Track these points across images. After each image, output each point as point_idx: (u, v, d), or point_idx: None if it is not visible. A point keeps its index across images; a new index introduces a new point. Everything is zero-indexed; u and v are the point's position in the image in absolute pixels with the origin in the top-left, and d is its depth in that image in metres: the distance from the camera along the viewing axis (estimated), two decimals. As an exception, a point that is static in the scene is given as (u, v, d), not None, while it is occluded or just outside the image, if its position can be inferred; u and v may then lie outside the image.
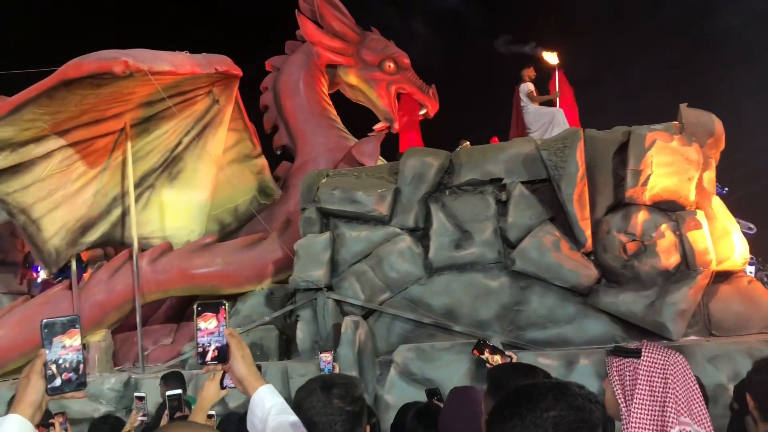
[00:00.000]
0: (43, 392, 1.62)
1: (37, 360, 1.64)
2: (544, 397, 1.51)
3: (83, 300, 9.19)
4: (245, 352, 1.91)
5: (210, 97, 10.27)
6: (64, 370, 1.64)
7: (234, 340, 1.90)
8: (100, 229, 9.50)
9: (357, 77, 12.77)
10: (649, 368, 2.15)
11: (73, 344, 1.66)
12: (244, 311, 9.13)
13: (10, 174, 8.20)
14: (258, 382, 1.91)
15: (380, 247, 8.17)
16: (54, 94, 7.40)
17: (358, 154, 10.07)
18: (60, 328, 1.65)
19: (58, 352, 1.64)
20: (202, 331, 1.90)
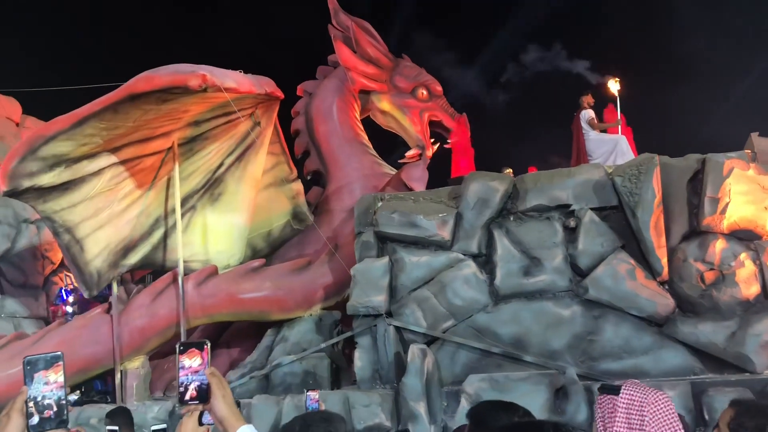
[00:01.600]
0: (22, 430, 1.59)
1: (18, 397, 1.61)
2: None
3: (123, 324, 8.81)
4: (226, 392, 1.89)
5: (252, 119, 10.08)
6: (46, 407, 1.61)
7: (215, 379, 1.88)
8: (142, 251, 9.17)
9: (390, 103, 12.70)
10: (627, 405, 2.20)
11: (56, 382, 1.63)
12: (292, 338, 8.81)
13: (61, 191, 7.89)
14: (238, 422, 1.88)
15: (443, 273, 7.95)
16: (119, 107, 7.17)
17: (407, 179, 9.89)
18: (43, 364, 1.63)
19: (40, 390, 1.61)
20: (184, 370, 1.85)
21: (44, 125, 7.44)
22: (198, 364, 1.86)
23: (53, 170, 7.57)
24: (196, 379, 1.85)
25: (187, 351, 1.87)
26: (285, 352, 8.64)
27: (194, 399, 1.86)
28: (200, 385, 1.85)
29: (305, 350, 8.60)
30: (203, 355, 1.87)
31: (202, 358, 1.87)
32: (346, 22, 12.38)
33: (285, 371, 8.31)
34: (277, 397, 8.00)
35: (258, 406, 7.86)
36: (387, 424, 7.28)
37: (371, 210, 8.44)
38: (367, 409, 7.40)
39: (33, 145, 7.31)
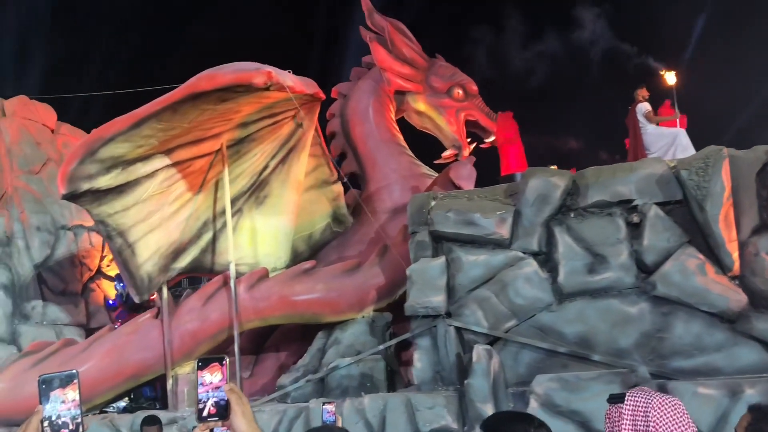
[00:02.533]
0: None
1: (33, 417, 1.59)
2: None
3: (174, 329, 8.70)
4: (246, 408, 1.84)
5: (294, 121, 9.99)
6: (61, 426, 1.60)
7: (234, 395, 1.83)
8: (191, 254, 9.07)
9: (426, 104, 12.60)
10: (632, 410, 2.24)
11: (72, 400, 1.63)
12: (346, 340, 8.67)
13: (115, 194, 7.80)
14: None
15: (503, 271, 7.81)
16: (179, 107, 7.08)
17: (456, 178, 9.76)
18: (58, 383, 1.63)
19: (56, 408, 1.60)
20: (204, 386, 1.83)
21: (102, 127, 7.36)
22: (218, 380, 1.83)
23: (110, 172, 7.48)
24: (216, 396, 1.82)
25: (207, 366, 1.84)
26: (339, 355, 8.50)
27: (213, 415, 1.83)
28: (220, 402, 1.82)
29: (359, 353, 8.46)
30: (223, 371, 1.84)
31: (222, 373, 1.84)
32: (381, 23, 12.31)
33: (342, 374, 8.17)
34: (335, 400, 7.86)
35: (317, 410, 7.70)
36: (454, 427, 7.14)
37: (425, 209, 8.31)
38: (432, 412, 7.26)
39: (92, 147, 7.22)
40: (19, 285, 10.78)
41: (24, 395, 8.46)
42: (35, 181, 11.65)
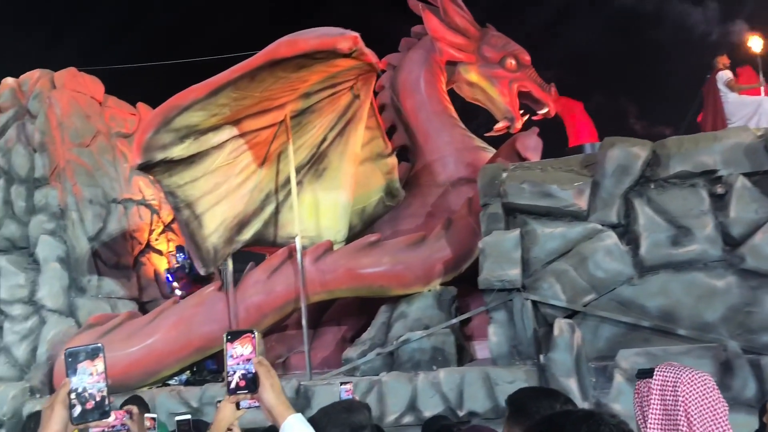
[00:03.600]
0: (66, 422, 1.62)
1: (61, 389, 1.62)
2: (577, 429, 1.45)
3: (239, 301, 8.62)
4: (274, 381, 1.89)
5: (352, 93, 9.79)
6: (88, 399, 1.63)
7: (263, 368, 1.87)
8: (254, 227, 8.96)
9: (478, 74, 12.32)
10: (661, 386, 2.18)
11: (97, 373, 1.64)
12: (413, 314, 8.55)
13: (186, 165, 7.67)
14: (287, 411, 1.87)
15: (581, 244, 7.63)
16: (257, 75, 6.91)
17: (522, 149, 9.54)
18: (84, 356, 1.65)
19: (83, 381, 1.63)
20: (234, 359, 1.86)
21: (178, 95, 7.20)
22: (249, 353, 1.86)
23: (183, 142, 7.35)
24: (245, 369, 1.84)
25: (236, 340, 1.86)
26: (406, 328, 8.39)
27: (242, 388, 1.86)
28: (248, 374, 1.84)
29: (427, 326, 8.34)
30: (253, 344, 1.87)
31: (251, 346, 1.86)
32: (432, -8, 12.02)
33: (413, 347, 8.06)
34: (408, 374, 7.78)
35: (390, 383, 7.64)
36: (535, 401, 7.00)
37: (496, 181, 8.12)
38: (513, 386, 7.06)
39: (167, 116, 7.08)
40: (74, 258, 10.73)
41: (91, 367, 8.44)
42: (86, 154, 11.55)
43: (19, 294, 10.32)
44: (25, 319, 10.23)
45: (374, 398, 7.67)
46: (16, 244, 10.95)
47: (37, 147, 11.21)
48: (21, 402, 9.24)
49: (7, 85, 11.88)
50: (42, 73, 11.82)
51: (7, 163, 11.28)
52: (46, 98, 11.47)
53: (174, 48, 16.18)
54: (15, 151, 11.26)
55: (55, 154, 11.19)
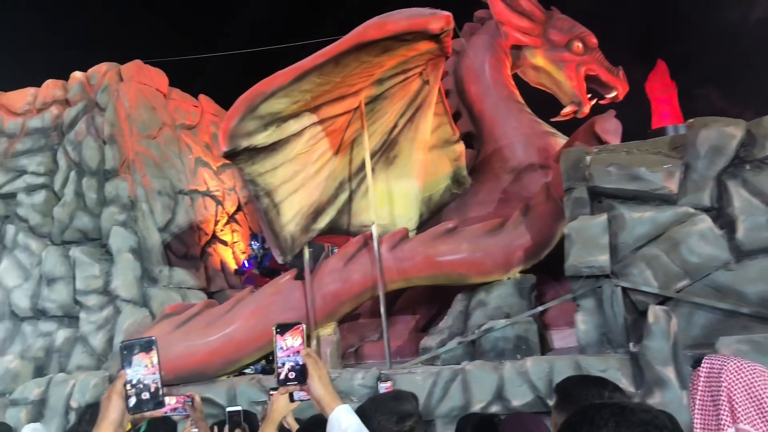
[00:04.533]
0: (123, 411, 1.68)
1: (117, 381, 1.70)
2: (605, 422, 1.47)
3: (315, 290, 8.56)
4: (322, 372, 1.90)
5: (421, 78, 9.62)
6: (143, 389, 1.68)
7: (311, 360, 1.90)
8: (329, 215, 8.88)
9: (544, 58, 12.06)
10: (707, 374, 2.19)
11: (151, 365, 1.70)
12: (493, 302, 8.38)
13: (267, 152, 7.62)
14: (335, 402, 1.90)
15: (672, 228, 7.35)
16: (342, 59, 6.80)
17: (602, 132, 9.27)
18: (139, 349, 1.71)
19: (138, 373, 1.68)
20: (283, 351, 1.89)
21: (262, 82, 7.14)
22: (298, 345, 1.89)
23: (267, 130, 7.30)
24: (294, 360, 1.87)
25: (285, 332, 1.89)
26: (487, 317, 8.23)
27: (292, 380, 1.88)
28: (297, 366, 1.87)
29: (508, 315, 8.16)
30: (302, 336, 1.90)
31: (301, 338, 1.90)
32: (497, -25, 11.77)
33: (497, 336, 7.89)
34: (492, 362, 7.62)
35: (475, 372, 7.49)
36: (631, 390, 6.78)
37: (580, 164, 7.88)
38: (605, 374, 6.84)
39: (253, 103, 7.03)
40: (146, 249, 10.84)
41: (170, 356, 8.48)
42: (154, 146, 11.65)
43: (94, 284, 10.47)
44: (101, 309, 10.38)
45: (458, 387, 7.54)
46: (89, 235, 11.11)
47: (106, 139, 11.36)
48: (101, 390, 9.35)
49: (76, 79, 12.06)
50: (109, 66, 11.96)
51: (77, 156, 11.44)
52: (114, 91, 11.60)
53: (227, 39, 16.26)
54: (85, 144, 11.43)
55: (124, 146, 11.31)
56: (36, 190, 11.58)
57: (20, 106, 12.24)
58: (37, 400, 9.45)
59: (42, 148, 11.85)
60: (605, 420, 1.48)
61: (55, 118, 11.94)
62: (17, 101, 12.30)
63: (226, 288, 12.01)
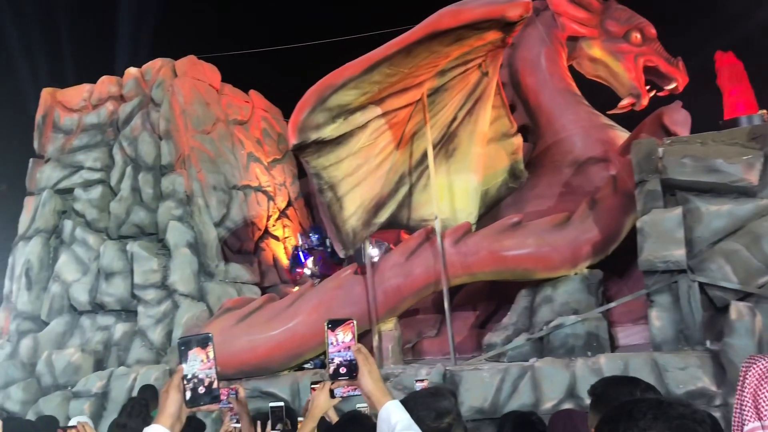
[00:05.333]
0: (180, 405, 1.72)
1: (175, 375, 1.74)
2: (643, 415, 1.48)
3: (377, 284, 8.47)
4: (372, 368, 1.91)
5: (480, 70, 9.45)
6: (200, 384, 1.72)
7: (361, 356, 1.91)
8: (389, 209, 8.79)
9: (601, 49, 11.81)
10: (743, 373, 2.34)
11: (207, 360, 1.73)
12: (559, 298, 8.18)
13: (333, 145, 7.55)
14: (384, 397, 1.91)
15: (753, 222, 7.10)
16: (414, 49, 6.69)
17: (670, 123, 9.00)
18: (196, 344, 1.74)
19: (194, 368, 1.72)
20: (335, 346, 1.91)
21: (332, 74, 7.06)
22: (349, 340, 1.90)
23: (335, 122, 7.23)
24: (345, 356, 1.89)
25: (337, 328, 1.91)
26: (554, 313, 8.04)
27: (343, 375, 1.90)
28: (348, 362, 1.89)
29: (576, 311, 7.97)
30: (352, 332, 1.91)
31: (351, 333, 1.90)
32: (553, -34, 11.55)
33: (566, 333, 7.71)
34: (563, 360, 7.44)
35: (544, 369, 7.33)
36: (712, 389, 6.56)
37: (653, 156, 7.64)
38: (685, 373, 6.70)
39: (323, 95, 6.96)
40: (202, 243, 10.87)
41: (233, 350, 8.48)
42: (208, 141, 11.68)
43: (152, 279, 10.53)
44: (159, 304, 10.44)
45: (527, 385, 7.38)
46: (145, 230, 11.19)
47: (162, 135, 11.42)
48: (162, 384, 9.40)
49: (131, 75, 12.15)
50: (163, 62, 12.03)
51: (133, 151, 11.53)
52: (168, 86, 11.66)
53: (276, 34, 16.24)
54: (141, 139, 11.51)
55: (180, 141, 11.36)
56: (92, 186, 11.70)
57: (76, 103, 12.39)
58: (100, 393, 9.53)
59: (98, 143, 11.97)
60: (643, 413, 1.49)
61: (110, 114, 12.05)
62: (73, 98, 12.45)
63: (279, 283, 12.00)
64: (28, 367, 10.57)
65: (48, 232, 11.74)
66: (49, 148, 12.27)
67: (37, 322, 11.30)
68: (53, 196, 11.83)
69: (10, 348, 11.02)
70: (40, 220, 11.75)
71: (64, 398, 9.77)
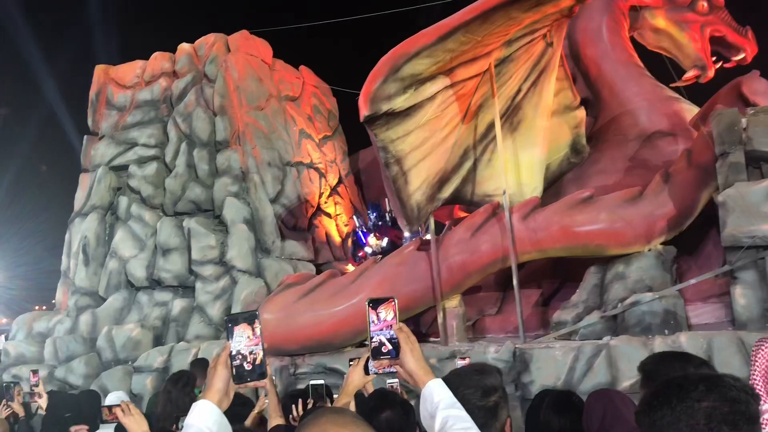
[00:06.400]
0: (227, 381, 1.74)
1: (223, 352, 1.76)
2: (695, 387, 1.48)
3: (441, 260, 8.29)
4: (414, 347, 1.90)
5: (545, 40, 9.13)
6: (246, 361, 1.74)
7: (403, 334, 1.91)
8: (454, 184, 8.58)
9: (666, 19, 11.35)
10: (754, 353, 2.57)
11: (255, 337, 1.74)
12: (633, 275, 7.91)
13: (402, 117, 7.35)
14: (427, 376, 1.89)
15: None
16: (491, 16, 6.46)
17: (750, 93, 8.59)
18: (242, 321, 1.75)
19: (241, 344, 1.73)
20: (377, 324, 1.90)
21: (405, 42, 6.86)
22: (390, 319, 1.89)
23: (406, 93, 7.03)
24: (387, 334, 1.88)
25: (379, 306, 1.90)
26: (628, 290, 7.78)
27: (385, 354, 1.88)
28: (391, 340, 1.88)
29: (650, 288, 7.69)
30: (394, 310, 1.89)
31: (393, 312, 1.89)
32: (615, -69, 11.12)
33: (643, 310, 7.45)
34: (640, 338, 7.20)
35: (621, 347, 7.09)
36: (805, 370, 6.25)
37: (735, 127, 7.29)
38: (774, 352, 6.40)
39: (396, 64, 6.76)
40: (258, 220, 10.81)
41: (296, 326, 8.42)
42: (262, 117, 11.58)
43: (210, 255, 10.52)
44: (217, 279, 10.43)
45: (603, 363, 7.17)
46: (201, 206, 11.18)
47: (217, 110, 11.34)
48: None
49: (184, 51, 12.08)
50: (216, 37, 11.92)
51: (188, 128, 11.48)
52: (222, 62, 11.56)
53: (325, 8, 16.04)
54: (195, 115, 11.45)
55: (234, 117, 11.28)
56: (147, 162, 11.71)
57: (129, 80, 12.38)
58: (161, 368, 9.58)
59: (152, 120, 11.96)
60: (695, 384, 1.48)
61: (163, 90, 12.01)
62: (126, 74, 12.44)
63: (332, 260, 11.91)
64: (88, 342, 10.68)
65: (104, 209, 11.81)
66: (102, 125, 12.30)
67: (95, 297, 11.40)
68: (108, 172, 11.88)
69: (70, 323, 11.15)
70: (95, 196, 11.81)
71: (125, 373, 9.85)
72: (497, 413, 2.18)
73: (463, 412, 1.86)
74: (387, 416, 2.86)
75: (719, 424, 1.42)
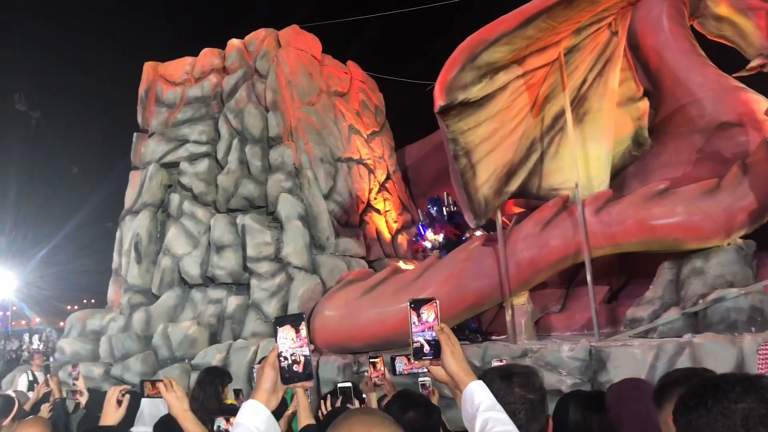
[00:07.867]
0: (275, 381, 1.75)
1: (271, 353, 1.78)
2: (732, 388, 1.47)
3: (508, 256, 8.07)
4: (455, 348, 1.89)
5: (609, 29, 8.85)
6: (294, 362, 1.75)
7: (444, 336, 1.90)
8: (521, 177, 8.35)
9: (729, 7, 10.93)
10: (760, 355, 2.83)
11: (301, 338, 1.76)
12: (713, 270, 7.61)
13: (474, 108, 7.14)
14: (468, 377, 1.87)
15: None
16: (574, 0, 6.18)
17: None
18: (289, 322, 1.77)
19: (287, 346, 1.75)
20: (419, 325, 1.91)
21: (484, 29, 6.65)
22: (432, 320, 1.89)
23: (481, 82, 6.83)
24: (429, 335, 1.89)
25: (421, 308, 1.90)
26: (707, 286, 7.48)
27: (426, 354, 1.90)
28: (431, 341, 1.88)
29: (732, 284, 7.39)
30: (435, 311, 1.90)
31: (435, 313, 1.89)
32: None
33: (728, 307, 7.15)
34: (727, 335, 6.90)
35: (706, 345, 6.80)
36: None
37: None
38: None
39: (474, 51, 6.56)
40: (312, 216, 10.67)
41: (359, 323, 8.26)
42: (313, 113, 11.45)
43: (266, 251, 10.40)
44: (272, 276, 10.31)
45: (686, 361, 6.86)
46: (254, 202, 11.07)
47: (269, 106, 11.23)
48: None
49: (234, 47, 11.99)
50: (267, 33, 11.81)
51: (239, 124, 11.39)
52: (273, 57, 11.45)
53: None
54: (247, 111, 11.35)
55: (287, 112, 11.15)
56: (198, 159, 11.63)
57: (179, 76, 12.32)
58: (219, 366, 9.46)
59: (203, 116, 11.89)
60: (732, 386, 1.47)
61: (213, 86, 11.93)
62: (176, 71, 12.39)
63: (383, 257, 11.74)
64: (142, 340, 10.62)
65: (155, 206, 11.76)
66: (152, 122, 12.26)
67: (148, 295, 11.36)
68: (159, 170, 11.83)
69: (123, 321, 11.10)
70: (146, 194, 11.77)
71: (183, 370, 9.77)
72: (543, 407, 2.14)
73: (504, 414, 1.84)
74: (410, 417, 2.86)
75: (756, 426, 1.40)
